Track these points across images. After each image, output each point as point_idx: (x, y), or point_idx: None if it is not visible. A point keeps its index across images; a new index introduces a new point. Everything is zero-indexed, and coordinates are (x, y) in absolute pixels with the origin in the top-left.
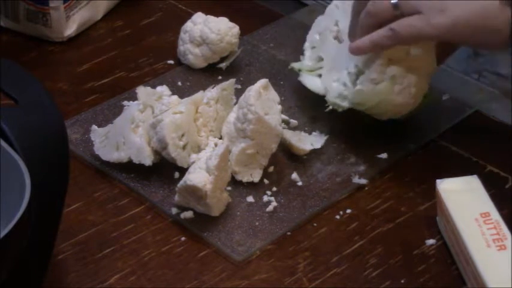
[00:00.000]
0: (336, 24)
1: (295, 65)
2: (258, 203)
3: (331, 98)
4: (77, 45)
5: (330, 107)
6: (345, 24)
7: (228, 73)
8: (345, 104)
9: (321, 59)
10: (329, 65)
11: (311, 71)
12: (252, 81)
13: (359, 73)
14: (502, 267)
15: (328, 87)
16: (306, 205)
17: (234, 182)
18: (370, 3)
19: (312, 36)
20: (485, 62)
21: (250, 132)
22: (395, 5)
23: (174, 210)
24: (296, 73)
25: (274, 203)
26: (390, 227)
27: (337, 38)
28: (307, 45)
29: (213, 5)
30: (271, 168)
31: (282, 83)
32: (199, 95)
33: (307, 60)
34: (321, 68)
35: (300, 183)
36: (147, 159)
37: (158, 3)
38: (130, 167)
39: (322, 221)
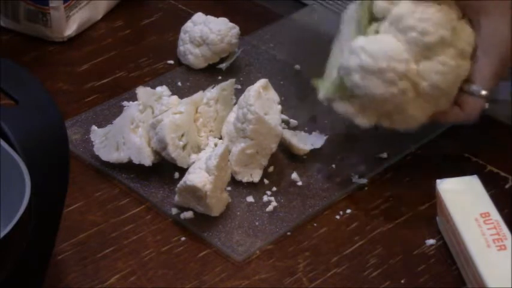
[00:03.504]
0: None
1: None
2: (258, 203)
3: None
4: (77, 45)
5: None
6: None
7: (228, 73)
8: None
9: None
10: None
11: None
12: (252, 81)
13: None
14: (502, 267)
15: None
16: (306, 205)
17: (234, 182)
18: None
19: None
20: None
21: (250, 132)
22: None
23: (174, 210)
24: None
25: (274, 203)
26: (390, 227)
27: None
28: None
29: (213, 5)
30: (271, 168)
31: (282, 83)
32: (199, 95)
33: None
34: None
35: (300, 183)
36: (147, 159)
37: (158, 3)
38: (130, 167)
39: (322, 221)
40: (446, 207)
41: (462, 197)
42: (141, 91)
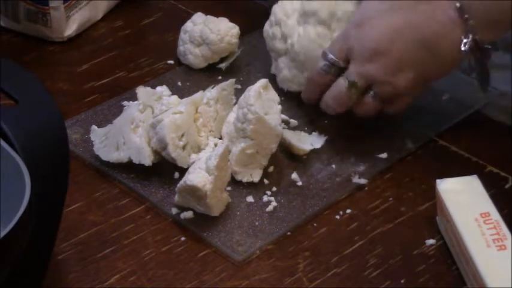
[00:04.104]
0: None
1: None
2: (258, 203)
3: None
4: (77, 45)
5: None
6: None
7: (228, 73)
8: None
9: None
10: None
11: None
12: (252, 81)
13: None
14: (502, 267)
15: None
16: (306, 205)
17: (234, 182)
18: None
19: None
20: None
21: (250, 132)
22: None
23: (174, 210)
24: None
25: (274, 203)
26: (390, 227)
27: None
28: None
29: (213, 5)
30: (271, 168)
31: None
32: (199, 95)
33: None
34: None
35: (300, 183)
36: (147, 159)
37: (158, 3)
38: (130, 167)
39: (322, 221)
40: (446, 207)
41: (462, 197)
42: (141, 91)
